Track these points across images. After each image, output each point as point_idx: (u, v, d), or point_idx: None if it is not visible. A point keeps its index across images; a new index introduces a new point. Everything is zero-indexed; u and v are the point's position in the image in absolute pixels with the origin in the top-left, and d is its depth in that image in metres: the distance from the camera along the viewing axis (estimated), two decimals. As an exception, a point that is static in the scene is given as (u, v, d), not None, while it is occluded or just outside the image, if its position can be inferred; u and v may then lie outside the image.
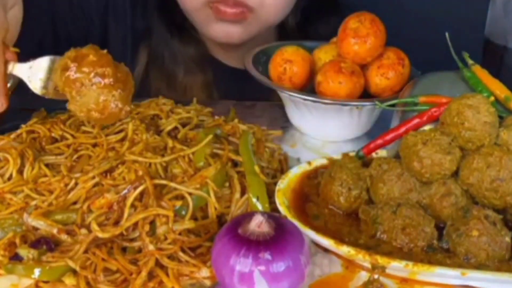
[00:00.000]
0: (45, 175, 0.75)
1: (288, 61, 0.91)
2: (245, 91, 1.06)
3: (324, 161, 0.80)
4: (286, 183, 0.75)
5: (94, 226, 0.65)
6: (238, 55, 1.18)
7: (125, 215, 0.67)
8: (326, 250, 0.68)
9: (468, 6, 1.37)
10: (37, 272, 0.62)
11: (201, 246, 0.67)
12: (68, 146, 0.81)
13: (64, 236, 0.66)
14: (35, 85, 0.76)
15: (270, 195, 0.72)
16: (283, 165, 0.84)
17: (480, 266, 0.64)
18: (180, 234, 0.66)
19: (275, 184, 0.74)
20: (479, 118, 0.70)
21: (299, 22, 1.21)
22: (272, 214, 0.62)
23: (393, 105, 0.81)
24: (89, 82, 0.72)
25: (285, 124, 0.98)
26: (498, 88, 0.79)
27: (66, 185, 0.73)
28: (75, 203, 0.71)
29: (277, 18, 1.11)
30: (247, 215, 0.60)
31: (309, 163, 0.79)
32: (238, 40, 1.10)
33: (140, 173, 0.72)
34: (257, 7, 1.05)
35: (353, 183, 0.72)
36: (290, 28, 1.20)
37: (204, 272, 0.64)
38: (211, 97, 1.16)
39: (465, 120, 0.70)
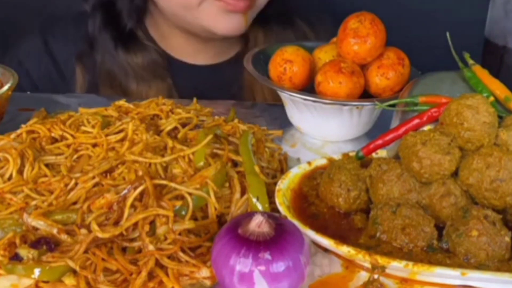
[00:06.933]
0: (45, 175, 0.75)
1: (288, 61, 0.91)
2: (214, 88, 1.08)
3: (324, 161, 0.80)
4: (286, 183, 0.74)
5: (94, 226, 0.65)
6: (208, 51, 1.20)
7: (125, 215, 0.67)
8: (326, 250, 0.68)
9: (468, 6, 1.37)
10: (37, 272, 0.62)
11: (201, 246, 0.67)
12: (68, 146, 0.81)
13: (64, 236, 0.66)
14: None
15: (270, 195, 0.72)
16: (283, 165, 0.84)
17: (480, 266, 0.64)
18: (180, 234, 0.66)
19: (275, 184, 0.74)
20: (478, 119, 0.69)
21: None
22: (272, 214, 0.62)
23: (393, 105, 0.81)
24: None
25: (285, 124, 0.97)
26: (498, 88, 0.79)
27: (66, 185, 0.73)
28: (75, 203, 0.71)
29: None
30: (247, 215, 0.60)
31: (309, 163, 0.79)
32: (242, 31, 1.12)
33: (140, 173, 0.72)
34: None
35: (352, 184, 0.72)
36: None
37: (204, 272, 0.64)
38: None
39: (464, 120, 0.70)
